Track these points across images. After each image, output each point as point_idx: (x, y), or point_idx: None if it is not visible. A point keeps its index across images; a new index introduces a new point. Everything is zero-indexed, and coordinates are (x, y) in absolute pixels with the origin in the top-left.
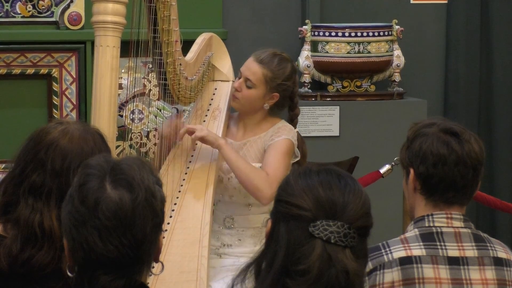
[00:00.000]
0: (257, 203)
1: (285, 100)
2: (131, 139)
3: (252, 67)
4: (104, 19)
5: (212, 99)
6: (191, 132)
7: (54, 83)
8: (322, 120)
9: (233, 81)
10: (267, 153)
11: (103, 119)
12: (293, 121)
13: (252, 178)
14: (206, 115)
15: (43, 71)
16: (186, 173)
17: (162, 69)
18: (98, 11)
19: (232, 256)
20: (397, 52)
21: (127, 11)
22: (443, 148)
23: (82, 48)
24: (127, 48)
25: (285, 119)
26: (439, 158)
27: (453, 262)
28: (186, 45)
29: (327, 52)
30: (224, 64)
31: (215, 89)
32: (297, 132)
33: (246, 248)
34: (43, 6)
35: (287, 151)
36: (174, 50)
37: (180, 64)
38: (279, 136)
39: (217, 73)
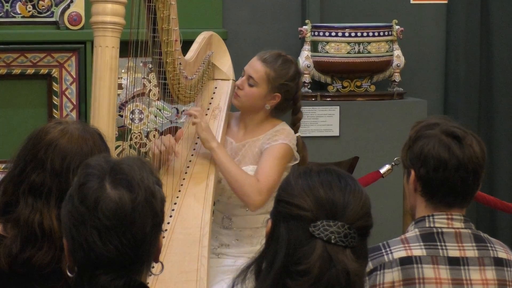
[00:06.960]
0: None
1: (287, 103)
2: (131, 139)
3: (255, 65)
4: (103, 19)
5: (212, 98)
6: (193, 116)
7: (54, 83)
8: (322, 120)
9: (233, 80)
10: (262, 157)
11: (102, 119)
12: (295, 125)
13: (242, 184)
14: (206, 114)
15: (43, 71)
16: (186, 173)
17: (161, 69)
18: (97, 12)
19: (230, 256)
20: (397, 52)
21: (126, 11)
22: (444, 152)
23: (82, 48)
24: (127, 48)
25: (287, 123)
26: (440, 162)
27: (454, 262)
28: (186, 45)
29: (327, 52)
30: (224, 62)
31: (215, 88)
32: (299, 137)
33: (243, 248)
34: (43, 6)
35: (283, 156)
36: (174, 50)
37: (180, 64)
38: (276, 141)
39: (217, 71)
